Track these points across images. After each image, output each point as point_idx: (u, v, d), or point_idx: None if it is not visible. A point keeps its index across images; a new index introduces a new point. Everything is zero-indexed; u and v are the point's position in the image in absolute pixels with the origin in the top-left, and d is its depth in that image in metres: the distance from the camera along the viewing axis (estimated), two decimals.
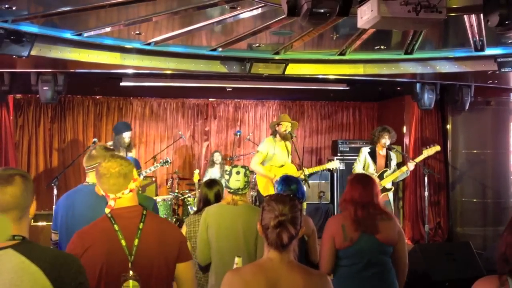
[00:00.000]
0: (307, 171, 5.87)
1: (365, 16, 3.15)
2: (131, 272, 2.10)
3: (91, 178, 3.17)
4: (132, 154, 6.37)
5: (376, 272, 3.02)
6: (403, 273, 3.18)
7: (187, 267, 2.28)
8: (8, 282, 1.63)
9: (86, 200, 3.04)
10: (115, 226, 2.18)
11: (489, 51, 5.56)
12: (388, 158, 6.27)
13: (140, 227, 2.19)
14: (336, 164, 6.58)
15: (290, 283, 2.01)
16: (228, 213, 3.14)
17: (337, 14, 3.06)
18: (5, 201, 1.72)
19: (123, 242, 2.14)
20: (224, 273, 2.72)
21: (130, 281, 2.10)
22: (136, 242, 2.15)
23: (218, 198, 3.82)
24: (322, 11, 2.92)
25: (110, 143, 6.28)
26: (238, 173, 3.18)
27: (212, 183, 4.00)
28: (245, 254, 3.01)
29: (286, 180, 3.65)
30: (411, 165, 6.20)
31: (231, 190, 3.18)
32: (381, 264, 3.04)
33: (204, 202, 3.85)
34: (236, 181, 3.16)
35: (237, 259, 2.52)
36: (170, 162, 7.42)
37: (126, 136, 6.39)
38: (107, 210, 2.24)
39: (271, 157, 5.84)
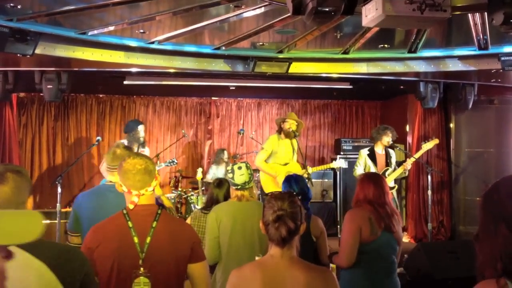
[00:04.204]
0: (310, 170, 5.89)
1: (370, 15, 3.16)
2: (142, 269, 2.13)
3: (116, 177, 3.15)
4: (145, 152, 6.38)
5: (386, 271, 3.08)
6: None
7: (201, 267, 2.31)
8: (14, 279, 1.63)
9: (113, 201, 2.98)
10: (129, 223, 2.21)
11: (493, 50, 5.55)
12: (387, 156, 6.29)
13: (154, 225, 2.22)
14: (339, 163, 6.56)
15: (290, 279, 2.02)
16: (242, 209, 3.18)
17: (342, 13, 3.07)
18: None
19: (135, 239, 2.18)
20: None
21: (141, 278, 2.13)
22: (148, 239, 2.19)
23: (227, 198, 3.84)
24: (327, 9, 2.93)
25: (123, 141, 6.28)
26: (240, 168, 3.24)
27: (221, 183, 4.03)
28: (259, 250, 3.05)
29: (291, 180, 3.67)
30: (410, 161, 6.24)
31: (239, 186, 3.22)
32: (392, 263, 3.09)
33: (213, 202, 3.87)
34: (240, 175, 3.21)
35: (257, 258, 2.54)
36: (176, 163, 7.44)
37: (141, 129, 6.42)
38: (131, 206, 2.27)
39: (275, 155, 5.87)
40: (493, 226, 1.48)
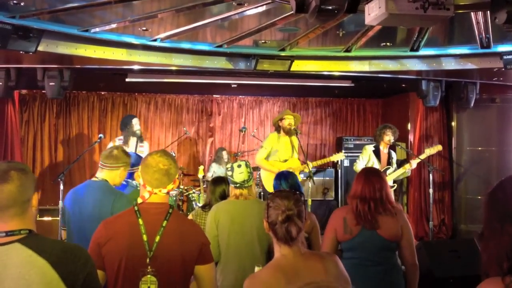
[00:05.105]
0: (311, 165, 5.89)
1: (373, 13, 3.15)
2: (149, 268, 2.13)
3: (104, 174, 3.20)
4: (144, 146, 6.35)
5: (380, 268, 3.01)
6: (411, 272, 3.10)
7: (208, 269, 2.29)
8: (16, 277, 1.64)
9: (94, 196, 3.07)
10: (140, 220, 2.20)
11: (495, 48, 5.55)
12: (389, 157, 6.31)
13: (164, 224, 2.20)
14: (340, 156, 6.55)
15: (311, 270, 2.05)
16: (240, 208, 3.16)
17: (345, 11, 3.07)
18: (1, 200, 1.70)
19: (144, 237, 2.17)
20: (236, 268, 2.75)
21: (148, 276, 2.13)
22: (157, 238, 2.17)
23: (223, 197, 3.81)
24: (330, 8, 2.93)
25: (120, 137, 6.28)
26: (239, 166, 3.22)
27: (218, 181, 3.99)
28: (258, 248, 3.04)
29: (280, 177, 3.67)
30: (414, 163, 6.22)
31: (238, 185, 3.20)
32: (385, 260, 3.03)
33: (210, 200, 3.87)
34: (239, 173, 3.19)
35: (257, 269, 2.54)
36: (174, 155, 7.43)
37: (136, 122, 6.39)
38: (139, 200, 2.27)
39: (275, 153, 5.89)
40: (499, 225, 1.48)
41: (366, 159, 6.27)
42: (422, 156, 6.42)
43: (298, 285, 2.00)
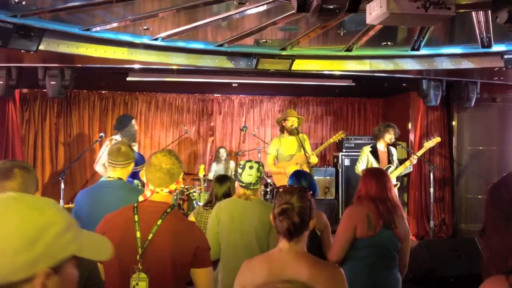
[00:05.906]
0: (314, 154, 5.87)
1: (374, 12, 3.16)
2: (139, 264, 2.13)
3: (117, 172, 3.18)
4: (135, 147, 6.32)
5: (386, 267, 3.04)
6: (402, 273, 3.17)
7: (202, 273, 2.24)
8: None
9: (117, 195, 3.02)
10: (135, 217, 2.21)
11: (496, 48, 5.55)
12: (389, 154, 6.28)
13: (158, 223, 2.19)
14: (340, 135, 6.47)
15: (293, 273, 2.00)
16: (241, 207, 3.15)
17: (346, 10, 3.07)
18: None
19: (138, 234, 2.17)
20: (234, 267, 2.76)
21: (139, 273, 2.13)
22: (150, 236, 2.17)
23: (228, 195, 3.79)
24: (331, 7, 2.93)
25: (116, 136, 6.27)
26: (251, 167, 3.17)
27: (223, 179, 3.98)
28: (257, 249, 3.03)
29: (297, 175, 3.66)
30: (414, 160, 6.21)
31: (243, 184, 3.18)
32: (392, 259, 3.06)
33: (213, 198, 3.87)
34: (248, 175, 3.16)
35: None
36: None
37: (134, 123, 6.33)
38: (141, 198, 2.28)
39: (281, 155, 5.93)
40: (503, 222, 1.46)
41: (365, 160, 6.27)
42: (421, 151, 6.42)
43: (273, 281, 1.99)
